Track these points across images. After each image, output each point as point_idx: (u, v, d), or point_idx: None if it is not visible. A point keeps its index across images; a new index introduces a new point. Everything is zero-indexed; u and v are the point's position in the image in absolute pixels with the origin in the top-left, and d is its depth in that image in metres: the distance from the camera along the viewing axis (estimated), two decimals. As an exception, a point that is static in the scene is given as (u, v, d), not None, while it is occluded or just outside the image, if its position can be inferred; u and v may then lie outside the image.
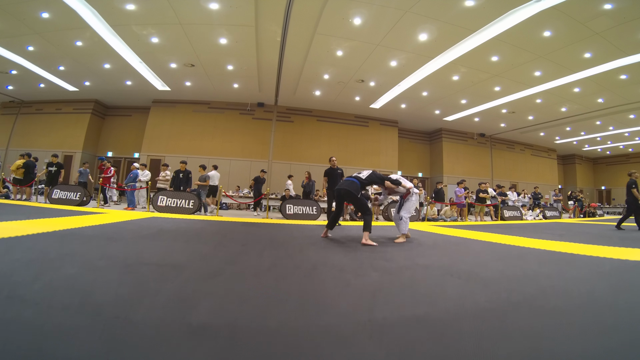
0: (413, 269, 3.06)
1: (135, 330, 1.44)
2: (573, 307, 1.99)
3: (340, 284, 2.43)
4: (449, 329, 1.59)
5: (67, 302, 1.73)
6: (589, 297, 2.24)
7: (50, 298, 1.78)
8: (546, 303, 2.05)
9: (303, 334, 1.51)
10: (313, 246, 4.23)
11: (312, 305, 1.93)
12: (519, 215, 13.11)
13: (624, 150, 23.99)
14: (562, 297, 2.22)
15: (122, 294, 1.91)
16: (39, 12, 9.35)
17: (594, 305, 2.05)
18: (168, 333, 1.43)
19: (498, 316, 1.80)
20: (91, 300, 1.78)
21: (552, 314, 1.85)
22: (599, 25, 8.63)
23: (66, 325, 1.44)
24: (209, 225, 6.41)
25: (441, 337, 1.49)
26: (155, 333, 1.42)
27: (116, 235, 4.23)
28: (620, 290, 2.49)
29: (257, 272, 2.66)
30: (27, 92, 16.27)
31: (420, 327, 1.61)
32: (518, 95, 13.93)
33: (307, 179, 11.57)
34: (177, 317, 1.62)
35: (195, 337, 1.39)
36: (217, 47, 11.07)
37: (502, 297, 2.18)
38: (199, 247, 3.80)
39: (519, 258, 3.77)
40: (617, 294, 2.35)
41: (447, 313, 1.82)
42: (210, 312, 1.71)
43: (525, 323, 1.69)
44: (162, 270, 2.56)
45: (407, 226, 5.28)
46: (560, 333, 1.57)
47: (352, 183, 5.03)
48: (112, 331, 1.41)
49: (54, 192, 10.22)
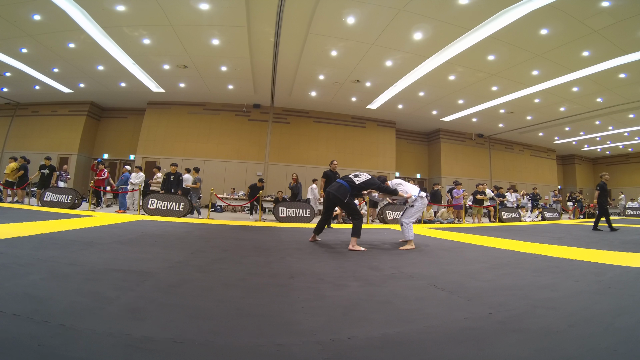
0: (397, 278, 2.92)
1: (74, 339, 1.44)
2: (564, 327, 1.79)
3: (314, 297, 2.29)
4: (415, 355, 1.43)
5: (21, 309, 1.73)
6: (584, 315, 2.01)
7: (4, 304, 1.78)
8: (534, 322, 1.85)
9: (249, 356, 1.37)
10: (298, 252, 4.09)
11: (273, 322, 1.78)
12: (517, 217, 12.94)
13: (623, 150, 23.75)
14: (554, 315, 2.00)
15: (77, 302, 1.91)
16: (30, 14, 9.23)
17: (588, 326, 1.83)
18: (106, 344, 1.43)
19: (475, 339, 1.62)
20: (44, 307, 1.78)
21: (539, 336, 1.66)
22: (597, 23, 8.46)
23: (11, 332, 1.45)
24: (196, 229, 6.27)
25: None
26: (92, 343, 1.42)
27: (96, 240, 4.12)
28: (620, 306, 2.24)
29: (227, 283, 2.53)
30: (23, 94, 16.14)
31: (384, 351, 1.46)
32: (516, 95, 13.74)
33: (295, 180, 11.59)
34: (122, 328, 1.59)
35: (130, 350, 1.37)
36: (209, 49, 10.93)
37: (485, 315, 1.99)
38: (175, 253, 3.66)
39: (513, 266, 3.59)
40: (615, 312, 2.10)
41: (418, 334, 1.67)
42: (157, 325, 1.65)
43: (503, 349, 1.51)
44: (126, 278, 2.49)
45: (410, 232, 4.97)
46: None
47: (341, 186, 4.86)
48: (51, 340, 1.41)
49: (46, 194, 10.12)
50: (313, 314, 1.93)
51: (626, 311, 2.12)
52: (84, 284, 2.29)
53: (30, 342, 1.37)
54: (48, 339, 1.42)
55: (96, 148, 17.96)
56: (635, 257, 4.19)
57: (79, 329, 1.53)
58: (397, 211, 10.01)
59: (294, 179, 11.66)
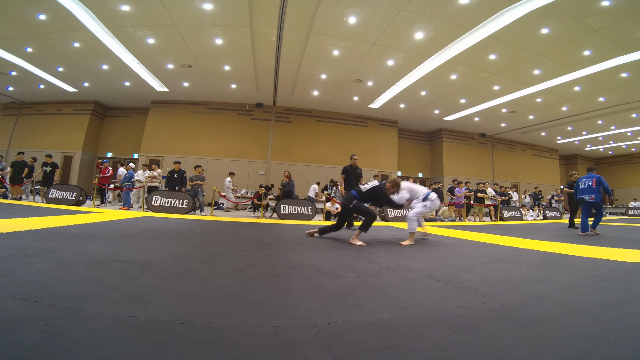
0: (393, 270, 2.98)
1: (80, 320, 1.51)
2: (554, 316, 1.81)
3: (312, 285, 2.36)
4: (407, 338, 1.49)
5: (29, 293, 1.82)
6: (574, 306, 2.03)
7: (14, 290, 1.87)
8: (525, 312, 1.89)
9: (247, 336, 1.45)
10: (298, 247, 4.16)
11: (271, 306, 1.86)
12: (518, 216, 12.96)
13: (626, 150, 23.66)
14: (544, 305, 2.02)
15: (82, 288, 1.99)
16: (36, 14, 9.35)
17: (578, 316, 1.85)
18: (110, 324, 1.49)
19: (466, 325, 1.67)
20: (51, 292, 1.86)
21: (529, 324, 1.70)
22: (597, 22, 8.47)
23: (20, 314, 1.54)
24: (198, 225, 6.35)
25: (396, 346, 1.40)
26: (97, 323, 1.49)
27: (100, 234, 4.21)
28: (612, 298, 2.26)
29: (227, 273, 2.60)
30: (28, 93, 16.29)
31: (378, 333, 1.53)
32: (518, 94, 13.74)
33: (287, 178, 11.51)
34: (127, 311, 1.66)
35: (134, 330, 1.44)
36: (212, 48, 11.03)
37: (477, 304, 2.04)
38: (177, 246, 3.74)
39: (509, 261, 3.63)
40: (607, 304, 2.11)
41: (411, 319, 1.74)
42: (160, 309, 1.71)
43: (494, 335, 1.55)
44: (130, 268, 2.58)
45: (412, 225, 5.00)
46: (530, 348, 1.42)
47: (348, 194, 5.12)
48: (58, 321, 1.49)
49: (51, 191, 10.29)
50: (310, 300, 2.00)
51: (617, 303, 2.15)
52: (89, 272, 2.38)
53: (37, 322, 1.45)
54: (55, 319, 1.50)
55: (100, 147, 18.10)
56: (631, 253, 4.22)
57: (84, 312, 1.61)
58: (397, 209, 10.04)
59: (286, 176, 11.56)
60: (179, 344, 1.33)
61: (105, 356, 1.20)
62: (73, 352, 1.21)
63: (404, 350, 1.37)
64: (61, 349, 1.23)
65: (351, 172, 7.40)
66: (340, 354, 1.30)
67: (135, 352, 1.25)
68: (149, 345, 1.31)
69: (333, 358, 1.26)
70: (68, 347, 1.25)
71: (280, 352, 1.30)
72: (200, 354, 1.26)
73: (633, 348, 1.44)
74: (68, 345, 1.26)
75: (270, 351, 1.31)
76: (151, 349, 1.27)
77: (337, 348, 1.36)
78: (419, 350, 1.37)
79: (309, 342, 1.40)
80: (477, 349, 1.39)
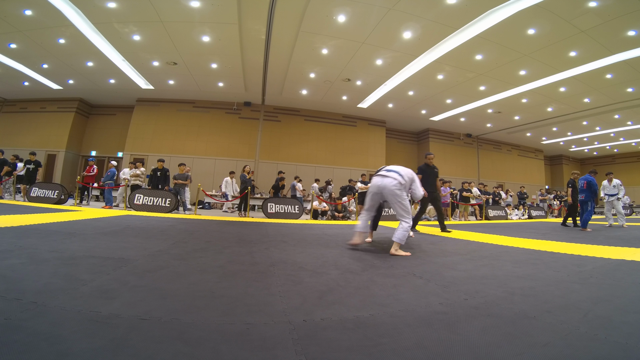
0: (377, 267, 2.93)
1: (42, 314, 1.48)
2: (540, 313, 1.76)
3: (292, 282, 2.30)
4: (387, 336, 1.44)
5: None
6: (561, 302, 1.98)
7: None
8: (509, 309, 1.83)
9: (214, 333, 1.38)
10: (282, 244, 4.08)
11: (246, 303, 1.79)
12: (503, 215, 13.08)
13: (610, 151, 24.17)
14: (530, 302, 1.98)
15: (51, 283, 1.96)
16: (21, 10, 9.10)
17: (566, 312, 1.80)
18: (72, 319, 1.46)
19: (447, 323, 1.61)
20: (18, 287, 1.84)
21: (513, 321, 1.65)
22: (585, 23, 8.58)
23: None
24: (180, 223, 6.22)
25: (374, 345, 1.34)
26: (59, 318, 1.46)
27: (78, 232, 4.10)
28: (600, 294, 2.20)
29: (204, 270, 2.52)
30: (11, 90, 15.85)
31: (357, 331, 1.47)
32: (504, 94, 13.90)
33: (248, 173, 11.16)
34: (91, 306, 1.62)
35: (94, 325, 1.41)
36: (199, 46, 10.86)
37: (459, 301, 1.99)
38: (156, 243, 3.63)
39: (493, 257, 3.61)
40: (595, 300, 2.07)
41: (392, 317, 1.68)
42: (125, 304, 1.67)
43: (476, 332, 1.49)
44: (103, 264, 2.50)
45: (407, 235, 4.66)
46: (514, 346, 1.35)
47: None
48: (19, 314, 1.47)
49: (32, 190, 10.05)
50: (288, 297, 1.94)
51: (606, 299, 2.10)
52: (61, 268, 2.30)
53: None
54: (17, 313, 1.47)
55: (84, 145, 17.72)
56: (618, 251, 4.26)
57: (49, 306, 1.57)
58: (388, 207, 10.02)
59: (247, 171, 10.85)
60: (137, 339, 1.28)
61: (61, 350, 1.15)
62: (29, 346, 1.18)
63: (383, 349, 1.31)
64: (17, 342, 1.20)
65: (428, 170, 7.31)
66: (314, 352, 1.24)
67: (92, 347, 1.19)
68: (106, 340, 1.26)
69: (306, 357, 1.20)
70: (25, 340, 1.22)
71: (249, 350, 1.23)
72: (159, 350, 1.19)
73: (624, 346, 1.39)
74: (25, 339, 1.23)
75: (238, 349, 1.24)
76: (108, 345, 1.22)
77: (311, 347, 1.29)
78: (398, 349, 1.31)
79: (281, 340, 1.33)
80: (458, 348, 1.34)
